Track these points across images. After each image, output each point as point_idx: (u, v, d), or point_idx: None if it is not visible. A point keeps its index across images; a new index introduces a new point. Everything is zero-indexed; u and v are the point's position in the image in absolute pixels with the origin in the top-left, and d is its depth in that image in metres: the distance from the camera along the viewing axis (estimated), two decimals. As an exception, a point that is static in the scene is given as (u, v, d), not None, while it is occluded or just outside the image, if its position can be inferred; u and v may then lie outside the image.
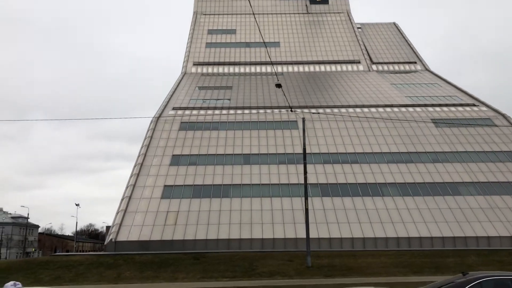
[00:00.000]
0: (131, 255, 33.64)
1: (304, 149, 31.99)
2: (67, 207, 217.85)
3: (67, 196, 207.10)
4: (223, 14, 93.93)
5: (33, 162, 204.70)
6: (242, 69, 78.62)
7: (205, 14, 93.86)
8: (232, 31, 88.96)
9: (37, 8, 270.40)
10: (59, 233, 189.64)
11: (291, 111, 29.90)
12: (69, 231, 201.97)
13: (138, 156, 48.04)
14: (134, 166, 46.55)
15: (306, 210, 30.68)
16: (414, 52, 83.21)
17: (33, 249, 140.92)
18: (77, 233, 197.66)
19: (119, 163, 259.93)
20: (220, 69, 78.72)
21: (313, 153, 47.29)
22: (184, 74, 76.56)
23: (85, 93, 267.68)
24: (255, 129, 52.18)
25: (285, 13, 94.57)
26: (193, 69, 78.46)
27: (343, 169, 45.14)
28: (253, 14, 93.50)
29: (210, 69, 78.58)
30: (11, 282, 4.61)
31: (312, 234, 36.68)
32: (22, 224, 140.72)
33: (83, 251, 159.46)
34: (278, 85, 27.13)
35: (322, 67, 78.74)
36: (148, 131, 52.26)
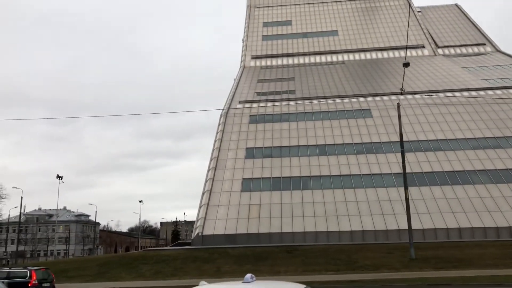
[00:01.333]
0: (224, 249, 33.37)
1: (401, 136, 30.57)
2: (119, 204, 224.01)
3: (117, 194, 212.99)
4: (277, 6, 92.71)
5: (85, 162, 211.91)
6: (301, 60, 77.24)
7: (259, 7, 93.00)
8: (288, 23, 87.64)
9: (80, 11, 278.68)
10: (115, 230, 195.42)
11: (401, 93, 28.11)
12: (124, 228, 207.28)
13: (213, 150, 47.90)
14: (210, 160, 46.46)
15: (407, 199, 29.29)
16: (482, 33, 78.92)
17: (95, 246, 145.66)
18: (133, 229, 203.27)
19: (165, 161, 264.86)
20: (279, 61, 77.67)
21: (392, 142, 45.51)
22: (243, 68, 76.09)
23: (133, 93, 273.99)
24: (326, 119, 50.87)
25: (340, 1, 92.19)
26: (252, 63, 77.83)
27: (426, 157, 43.08)
28: (309, 4, 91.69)
29: (268, 62, 77.69)
30: (249, 275, 4.18)
31: (393, 226, 35.33)
32: (84, 222, 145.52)
33: (145, 247, 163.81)
34: (406, 64, 25.54)
35: (385, 54, 76.09)
36: (219, 125, 52.09)
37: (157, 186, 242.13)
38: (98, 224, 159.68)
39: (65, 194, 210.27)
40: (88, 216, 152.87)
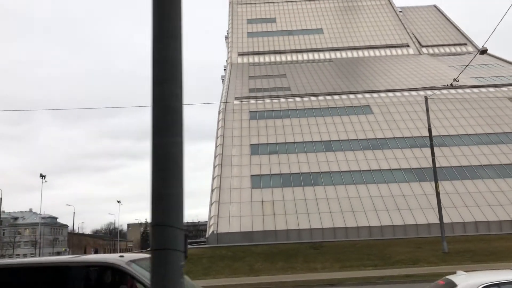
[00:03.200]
0: (247, 246, 32.31)
1: (430, 130, 30.53)
2: (78, 207, 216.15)
3: (75, 196, 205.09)
4: (260, 3, 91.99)
5: (40, 163, 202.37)
6: (288, 57, 76.95)
7: (242, 4, 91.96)
8: (272, 20, 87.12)
9: (35, 4, 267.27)
10: (82, 232, 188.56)
11: (452, 84, 27.84)
12: (87, 230, 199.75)
13: (216, 147, 46.65)
14: (215, 157, 45.18)
15: (438, 193, 29.23)
16: (462, 34, 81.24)
17: (63, 249, 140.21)
18: (97, 232, 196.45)
19: (125, 161, 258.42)
20: (266, 58, 77.04)
21: (396, 138, 45.77)
22: (231, 64, 74.89)
23: (90, 91, 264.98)
24: (328, 116, 50.60)
25: (323, 0, 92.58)
26: (239, 59, 76.77)
27: (442, 152, 43.31)
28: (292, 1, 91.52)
29: (256, 59, 76.88)
30: None
31: (411, 221, 35.42)
32: (51, 224, 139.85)
33: (121, 250, 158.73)
34: (484, 51, 25.16)
35: (371, 52, 76.96)
36: (218, 121, 50.85)
37: (117, 187, 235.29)
38: (66, 226, 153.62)
39: (22, 196, 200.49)
40: (56, 218, 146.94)
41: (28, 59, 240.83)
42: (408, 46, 77.59)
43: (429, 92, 53.81)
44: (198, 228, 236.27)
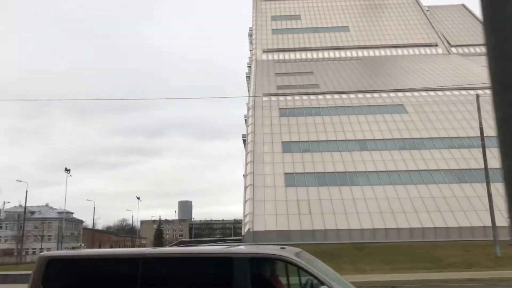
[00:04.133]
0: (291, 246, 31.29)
1: (481, 129, 29.21)
2: (89, 203, 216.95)
3: (86, 191, 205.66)
4: (284, 0, 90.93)
5: (53, 158, 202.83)
6: (314, 55, 75.83)
7: (266, 1, 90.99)
8: (297, 17, 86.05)
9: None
10: (97, 228, 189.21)
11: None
12: (100, 225, 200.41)
13: (247, 143, 45.78)
14: (247, 154, 44.31)
15: (489, 195, 28.02)
16: (492, 34, 79.25)
17: (79, 244, 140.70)
18: (109, 228, 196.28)
19: (138, 158, 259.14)
20: (292, 56, 76.00)
21: (433, 138, 44.48)
22: (255, 61, 73.97)
23: (106, 85, 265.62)
24: (360, 114, 49.42)
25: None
26: (264, 56, 75.83)
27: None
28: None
29: (281, 56, 75.89)
30: None
31: (453, 223, 34.16)
32: (68, 219, 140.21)
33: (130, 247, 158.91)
34: None
35: (399, 51, 75.48)
36: (248, 118, 49.97)
37: (129, 183, 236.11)
38: (82, 221, 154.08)
39: (36, 191, 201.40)
40: (72, 213, 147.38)
41: (45, 54, 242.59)
42: (436, 45, 75.94)
43: (464, 92, 52.47)
44: (210, 227, 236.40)
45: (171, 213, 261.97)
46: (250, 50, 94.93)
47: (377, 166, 41.55)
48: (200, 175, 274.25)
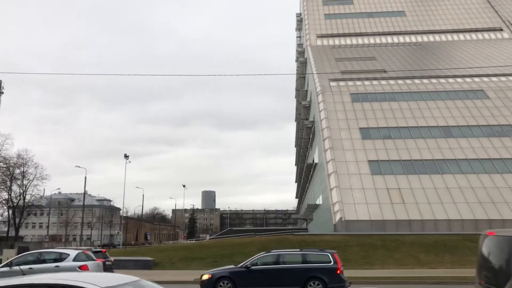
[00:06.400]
0: (393, 236, 29.50)
1: None
2: (116, 191, 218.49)
3: (111, 180, 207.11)
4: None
5: (81, 146, 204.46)
6: (371, 40, 73.11)
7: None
8: (349, 1, 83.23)
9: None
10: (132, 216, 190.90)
11: None
12: (130, 213, 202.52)
13: (322, 130, 43.84)
14: (324, 140, 42.40)
15: None
16: (560, 18, 75.03)
17: (117, 232, 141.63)
18: (143, 216, 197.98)
19: (163, 147, 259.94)
20: (347, 41, 73.46)
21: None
22: (309, 46, 71.67)
23: (136, 76, 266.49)
24: (438, 100, 46.89)
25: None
26: (318, 42, 73.47)
27: None
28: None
29: (336, 41, 73.42)
30: None
31: None
32: (106, 207, 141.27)
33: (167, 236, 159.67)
34: None
35: (460, 36, 72.10)
36: (318, 103, 47.95)
37: (154, 173, 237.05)
38: (119, 209, 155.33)
39: (60, 180, 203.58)
40: (110, 201, 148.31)
41: (71, 42, 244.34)
42: (501, 30, 72.23)
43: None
44: (241, 217, 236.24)
45: (193, 202, 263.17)
46: (298, 37, 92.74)
47: (467, 154, 39.13)
48: (222, 165, 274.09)
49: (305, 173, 62.32)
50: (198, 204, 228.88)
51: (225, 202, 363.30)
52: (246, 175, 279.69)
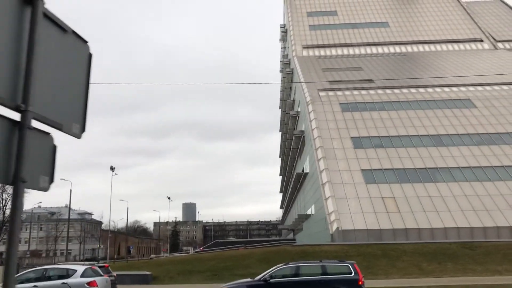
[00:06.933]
0: (392, 245, 29.37)
1: None
2: (94, 205, 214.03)
3: (90, 194, 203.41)
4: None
5: (58, 159, 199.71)
6: (356, 51, 73.92)
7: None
8: (333, 13, 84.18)
9: None
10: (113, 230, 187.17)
11: None
12: (112, 226, 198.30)
13: (314, 139, 43.78)
14: (316, 150, 42.32)
15: None
16: (537, 29, 77.33)
17: (98, 246, 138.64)
18: (124, 229, 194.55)
19: (141, 159, 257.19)
20: (333, 51, 74.15)
21: (510, 133, 42.47)
22: (295, 57, 71.99)
23: (116, 86, 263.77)
24: (427, 109, 47.41)
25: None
26: (304, 52, 73.91)
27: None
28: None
29: (322, 52, 73.99)
30: None
31: None
32: (87, 220, 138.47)
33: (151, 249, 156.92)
34: None
35: (443, 46, 73.54)
36: (309, 113, 47.96)
37: (133, 185, 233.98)
38: (101, 223, 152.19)
39: (38, 193, 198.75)
40: (91, 214, 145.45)
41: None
42: (481, 41, 73.98)
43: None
44: (224, 229, 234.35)
45: (174, 214, 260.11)
46: (282, 48, 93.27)
47: (458, 162, 39.54)
48: (203, 176, 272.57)
49: (294, 183, 62.09)
50: (179, 217, 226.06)
51: (207, 214, 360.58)
52: (228, 186, 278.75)
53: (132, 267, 27.49)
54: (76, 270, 14.16)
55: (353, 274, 13.69)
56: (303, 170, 54.56)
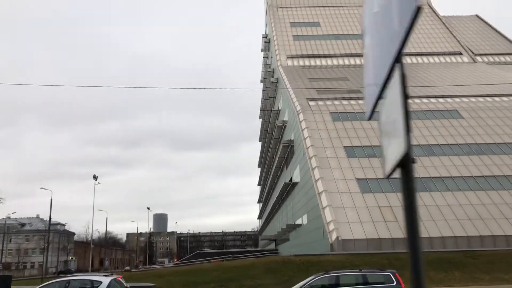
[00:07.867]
0: (394, 254, 29.11)
1: None
2: (63, 216, 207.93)
3: (64, 204, 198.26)
4: (302, 7, 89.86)
5: (24, 169, 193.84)
6: (340, 61, 74.63)
7: (283, 7, 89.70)
8: (316, 24, 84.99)
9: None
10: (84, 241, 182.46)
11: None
12: (85, 238, 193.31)
13: (307, 148, 43.56)
14: (310, 159, 42.07)
15: None
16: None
17: (70, 257, 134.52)
18: (95, 240, 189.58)
19: (111, 170, 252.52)
20: (317, 62, 74.60)
21: (498, 143, 43.36)
22: (281, 67, 72.07)
23: (85, 94, 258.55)
24: (416, 119, 47.70)
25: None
26: (289, 62, 74.12)
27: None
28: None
29: (306, 62, 74.39)
30: None
31: None
32: (60, 231, 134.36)
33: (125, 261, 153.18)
34: None
35: (424, 59, 75.09)
36: (300, 122, 47.82)
37: (103, 195, 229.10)
38: (73, 234, 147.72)
39: (8, 203, 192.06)
40: (64, 225, 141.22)
41: (19, 60, 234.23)
42: (461, 54, 75.95)
43: (505, 99, 51.80)
44: (199, 239, 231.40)
45: (144, 225, 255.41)
46: (264, 57, 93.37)
47: (451, 172, 39.99)
48: (175, 186, 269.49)
49: (280, 193, 61.64)
50: (147, 228, 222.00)
51: (181, 224, 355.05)
52: (201, 197, 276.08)
53: (130, 279, 26.33)
54: (101, 282, 13.22)
55: (395, 283, 13.22)
56: (291, 180, 54.20)
